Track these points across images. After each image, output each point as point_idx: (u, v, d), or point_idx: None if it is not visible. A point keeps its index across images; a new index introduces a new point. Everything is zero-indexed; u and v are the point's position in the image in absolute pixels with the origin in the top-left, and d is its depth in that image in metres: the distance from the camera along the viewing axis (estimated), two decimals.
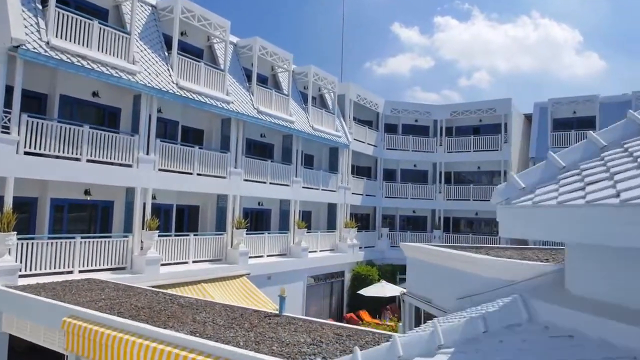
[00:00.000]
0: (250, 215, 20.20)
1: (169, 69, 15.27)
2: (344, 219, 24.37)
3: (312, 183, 22.10)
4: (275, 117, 19.46)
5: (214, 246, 16.82)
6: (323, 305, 22.24)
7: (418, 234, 28.44)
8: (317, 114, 22.68)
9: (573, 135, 25.35)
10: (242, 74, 19.06)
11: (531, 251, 10.48)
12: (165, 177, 14.93)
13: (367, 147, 26.88)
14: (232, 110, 17.16)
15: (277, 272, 18.85)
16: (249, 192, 18.46)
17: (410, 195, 28.48)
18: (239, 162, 17.93)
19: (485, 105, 28.14)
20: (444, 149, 28.92)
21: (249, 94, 18.65)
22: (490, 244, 26.72)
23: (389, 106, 28.79)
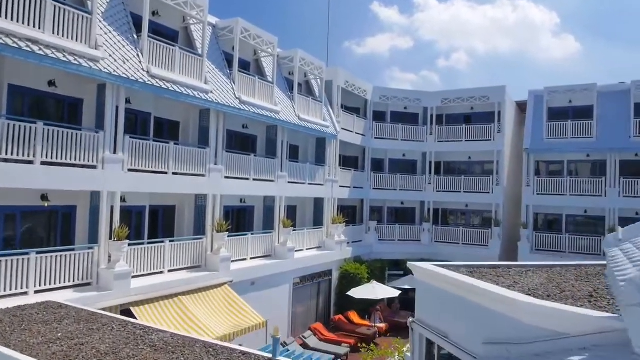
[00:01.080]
0: (231, 214, 18.61)
1: (139, 55, 13.37)
2: (331, 215, 22.96)
3: (298, 177, 20.55)
4: (259, 107, 17.73)
5: (193, 252, 15.22)
6: (310, 307, 20.96)
7: (407, 227, 27.31)
8: (303, 102, 21.00)
9: (570, 126, 24.32)
10: (222, 59, 17.20)
11: (558, 274, 9.24)
12: (136, 178, 13.18)
13: (355, 136, 25.37)
14: (211, 101, 15.38)
15: (261, 277, 17.40)
16: (230, 190, 16.83)
17: (399, 187, 27.21)
18: (220, 158, 16.24)
19: (478, 92, 26.83)
20: (434, 138, 27.63)
21: (229, 82, 16.85)
22: (482, 237, 25.83)
23: (378, 93, 27.25)
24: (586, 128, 24.00)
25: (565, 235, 24.17)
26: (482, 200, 26.41)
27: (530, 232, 24.59)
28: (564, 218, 25.12)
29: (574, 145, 24.04)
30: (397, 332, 21.07)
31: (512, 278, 8.87)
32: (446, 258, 26.15)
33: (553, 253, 23.99)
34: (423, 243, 26.79)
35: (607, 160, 23.55)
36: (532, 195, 24.83)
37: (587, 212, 24.41)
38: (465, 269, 9.56)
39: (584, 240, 23.74)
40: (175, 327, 12.29)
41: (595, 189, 23.50)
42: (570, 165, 25.26)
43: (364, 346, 16.11)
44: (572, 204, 24.17)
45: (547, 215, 25.63)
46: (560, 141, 24.44)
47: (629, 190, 22.80)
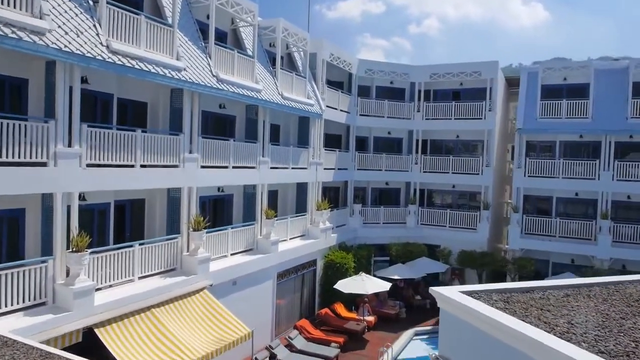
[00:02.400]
0: (207, 205, 16.73)
1: (96, 26, 11.04)
2: (315, 200, 21.32)
3: (281, 162, 18.71)
4: (239, 85, 15.61)
5: (166, 254, 13.37)
6: (294, 301, 19.54)
7: (392, 209, 26.02)
8: (286, 78, 18.92)
9: (564, 105, 23.14)
10: (196, 30, 14.90)
11: (604, 299, 7.93)
12: (96, 174, 11.11)
13: (339, 114, 23.52)
14: (185, 80, 13.21)
15: (243, 275, 15.76)
16: (208, 181, 14.91)
17: (385, 167, 25.72)
18: (195, 145, 14.20)
19: (469, 67, 25.25)
20: (421, 116, 26.07)
21: (205, 57, 14.63)
22: (470, 220, 24.82)
23: (363, 66, 25.28)
24: (581, 108, 22.87)
25: (556, 219, 23.38)
26: (471, 182, 25.27)
27: (520, 216, 23.67)
28: (554, 200, 24.29)
29: (568, 126, 22.95)
30: (386, 324, 20.05)
31: (556, 310, 7.47)
32: (432, 242, 25.24)
33: (542, 237, 23.25)
34: (409, 226, 25.63)
35: (602, 142, 22.61)
36: (522, 178, 23.79)
37: (579, 195, 23.63)
38: (498, 295, 8.12)
39: (575, 224, 23.02)
40: (149, 350, 10.61)
41: (588, 172, 22.61)
42: (563, 147, 24.25)
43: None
44: (564, 187, 23.29)
45: (537, 198, 24.74)
46: (554, 121, 23.29)
47: (623, 174, 22.00)
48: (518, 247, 23.38)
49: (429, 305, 22.50)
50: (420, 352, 18.42)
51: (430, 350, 18.67)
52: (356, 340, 18.20)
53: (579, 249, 22.26)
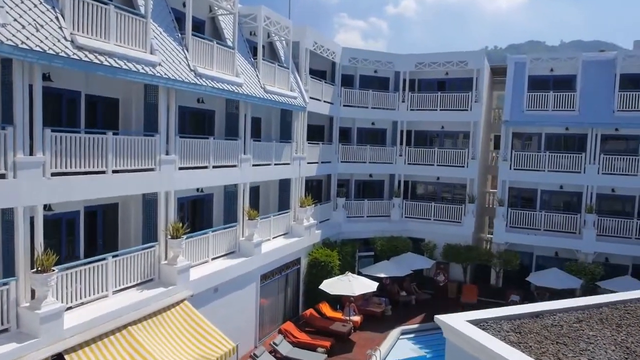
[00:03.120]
0: (186, 206, 15.77)
1: (58, 18, 9.84)
2: (299, 196, 20.52)
3: (264, 158, 17.79)
4: (219, 79, 14.53)
5: (143, 264, 12.42)
6: (278, 302, 18.85)
7: (376, 202, 25.44)
8: (269, 70, 17.86)
9: (551, 97, 22.73)
10: (171, 20, 13.70)
11: (617, 325, 7.44)
12: (63, 184, 10.04)
13: (323, 105, 22.60)
14: (160, 76, 12.10)
15: (225, 281, 14.94)
16: (186, 183, 13.91)
17: (369, 159, 25.03)
18: (172, 146, 13.16)
19: (455, 57, 24.57)
20: (406, 106, 25.37)
21: (182, 49, 13.49)
22: (455, 214, 24.46)
23: (347, 55, 24.32)
24: (568, 100, 22.53)
25: (541, 212, 23.19)
26: (456, 175, 24.85)
27: (505, 210, 23.40)
28: (538, 193, 24.10)
29: (555, 119, 22.61)
30: (372, 323, 19.60)
31: (573, 344, 6.94)
32: (417, 235, 24.83)
33: (527, 230, 23.07)
34: (393, 219, 25.14)
35: (588, 134, 22.37)
36: (508, 171, 23.46)
37: (563, 188, 23.47)
38: (509, 324, 7.56)
39: (560, 217, 22.89)
40: None
41: (574, 165, 22.41)
42: (549, 139, 23.95)
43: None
44: (549, 180, 23.08)
45: (521, 190, 24.50)
46: (541, 113, 22.91)
47: (608, 167, 21.86)
48: (503, 241, 23.16)
49: (414, 301, 22.19)
50: (407, 352, 18.09)
51: (418, 350, 18.37)
52: (342, 342, 17.68)
53: (564, 243, 22.17)
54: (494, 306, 23.92)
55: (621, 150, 22.57)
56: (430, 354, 18.04)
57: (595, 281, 21.04)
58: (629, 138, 22.51)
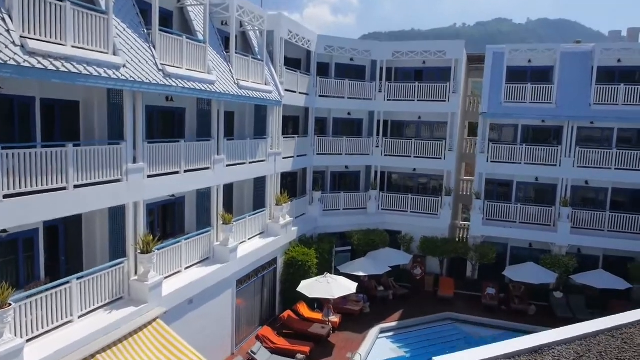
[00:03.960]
0: (157, 212, 14.84)
1: (5, 20, 8.63)
2: (274, 193, 19.78)
3: (238, 157, 16.89)
4: (190, 78, 13.47)
5: (111, 282, 11.53)
6: (254, 305, 18.26)
7: (352, 195, 24.96)
8: (242, 63, 16.82)
9: (529, 89, 22.50)
10: (136, 14, 12.49)
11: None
12: (16, 206, 9.00)
13: (298, 97, 21.70)
14: (125, 80, 11.01)
15: (200, 291, 14.21)
16: (156, 191, 12.97)
17: (345, 151, 24.40)
18: (140, 152, 12.15)
19: (433, 47, 23.94)
20: (383, 97, 24.72)
21: (148, 47, 12.35)
22: (432, 206, 24.27)
23: (323, 43, 23.33)
24: (546, 93, 22.36)
25: (516, 205, 23.24)
26: (434, 167, 24.56)
27: (482, 203, 23.32)
28: (514, 185, 24.10)
29: (533, 111, 22.45)
30: (350, 322, 19.32)
31: None
32: (394, 228, 24.55)
33: (503, 223, 23.11)
34: (369, 212, 24.76)
35: (564, 127, 22.34)
36: (486, 163, 23.30)
37: (539, 180, 23.52)
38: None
39: (535, 209, 22.99)
40: None
41: (550, 158, 22.41)
42: (525, 131, 23.85)
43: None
44: (525, 173, 23.06)
45: (497, 182, 24.44)
46: (519, 106, 22.69)
47: (583, 160, 21.95)
48: (480, 234, 23.15)
49: (391, 296, 22.03)
50: (387, 352, 17.93)
51: (397, 349, 18.24)
52: (322, 345, 17.33)
53: (539, 236, 22.32)
54: (470, 299, 24.07)
55: (596, 143, 22.69)
56: (409, 353, 17.94)
57: (569, 274, 21.34)
58: (603, 131, 22.61)
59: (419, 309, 20.97)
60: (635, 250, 21.21)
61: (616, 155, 21.42)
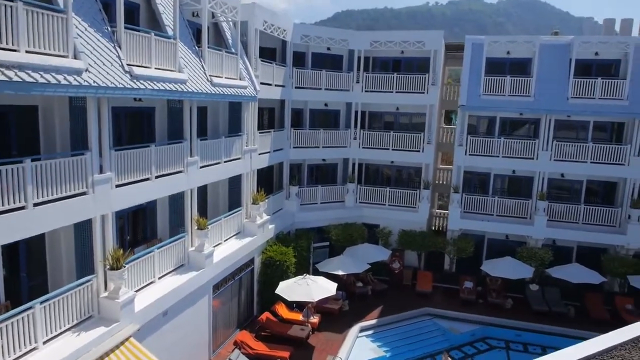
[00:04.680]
0: (126, 219, 14.02)
1: None
2: (251, 192, 19.11)
3: (212, 157, 16.12)
4: (159, 79, 12.55)
5: (79, 302, 10.79)
6: (231, 308, 17.75)
7: (330, 188, 24.49)
8: (215, 58, 15.89)
9: (508, 82, 22.27)
10: (99, 10, 11.44)
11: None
12: None
13: (274, 90, 20.88)
14: (88, 86, 10.08)
15: (175, 302, 13.59)
16: (125, 202, 12.16)
17: (322, 144, 23.82)
18: (107, 161, 11.30)
19: (412, 37, 23.38)
20: (361, 87, 24.11)
21: (113, 47, 11.36)
22: (410, 199, 24.08)
23: (299, 32, 22.45)
24: (524, 85, 22.18)
25: (494, 198, 23.25)
26: (412, 160, 24.27)
27: (460, 196, 23.22)
28: (491, 177, 24.06)
29: (512, 104, 22.27)
30: (330, 321, 19.07)
31: None
32: (372, 221, 24.30)
33: (481, 216, 23.13)
34: (347, 205, 24.40)
35: (542, 120, 22.29)
36: (464, 156, 23.13)
37: (516, 172, 23.53)
38: None
39: (512, 202, 23.06)
40: None
41: (527, 151, 22.40)
42: (503, 124, 23.72)
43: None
44: (503, 166, 23.02)
45: (475, 175, 24.37)
46: (497, 98, 22.46)
47: (560, 153, 22.01)
48: (457, 228, 23.11)
49: (370, 291, 21.87)
50: (367, 352, 17.78)
51: (377, 349, 18.12)
52: (302, 347, 17.02)
53: (516, 229, 22.43)
54: (448, 293, 24.05)
55: (572, 137, 22.77)
56: (389, 353, 17.84)
57: (544, 266, 21.58)
58: (579, 124, 22.68)
59: (398, 305, 20.89)
60: (608, 242, 21.58)
61: (592, 149, 21.54)
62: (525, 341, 19.19)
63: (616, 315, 20.09)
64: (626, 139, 21.91)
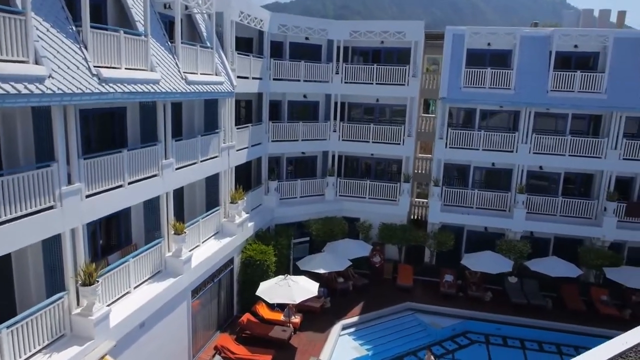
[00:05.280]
0: (98, 227, 13.33)
1: None
2: (229, 190, 18.55)
3: (189, 157, 15.46)
4: (130, 80, 11.78)
5: (49, 321, 10.19)
6: (211, 311, 17.33)
7: (309, 182, 24.07)
8: (189, 54, 15.09)
9: (488, 74, 22.05)
10: (61, 8, 10.56)
11: None
12: None
13: (251, 83, 20.16)
14: (52, 93, 9.31)
15: (152, 312, 13.09)
16: (97, 212, 11.49)
17: (301, 137, 23.28)
18: (76, 171, 10.61)
19: (393, 27, 22.85)
20: (340, 79, 23.55)
21: (79, 48, 10.54)
22: (390, 192, 23.91)
23: (276, 22, 21.64)
24: (505, 78, 22.01)
25: (474, 190, 23.24)
26: (392, 152, 24.01)
27: (440, 189, 23.12)
28: (471, 170, 24.01)
29: (492, 97, 22.07)
30: (311, 320, 18.86)
31: None
32: (352, 215, 24.06)
33: (462, 209, 23.14)
34: (327, 199, 24.07)
35: (522, 113, 22.23)
36: (444, 149, 22.97)
37: (495, 165, 23.52)
38: None
39: (491, 195, 23.11)
40: None
41: (507, 144, 22.37)
42: (483, 116, 23.60)
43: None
44: (483, 159, 22.97)
45: (454, 167, 24.29)
46: (478, 91, 22.23)
47: (538, 146, 22.06)
48: (438, 221, 23.08)
49: (351, 287, 21.73)
50: (350, 352, 17.68)
51: (360, 347, 18.03)
52: (284, 349, 16.78)
53: (496, 222, 22.53)
54: (429, 286, 23.94)
55: (551, 129, 22.83)
56: (371, 351, 17.78)
57: (523, 258, 21.79)
58: (558, 117, 22.73)
59: (380, 300, 20.82)
60: (584, 234, 21.90)
61: (570, 142, 21.64)
62: (504, 334, 19.42)
63: (591, 306, 20.51)
64: (603, 132, 22.09)
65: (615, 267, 20.83)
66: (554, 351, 18.46)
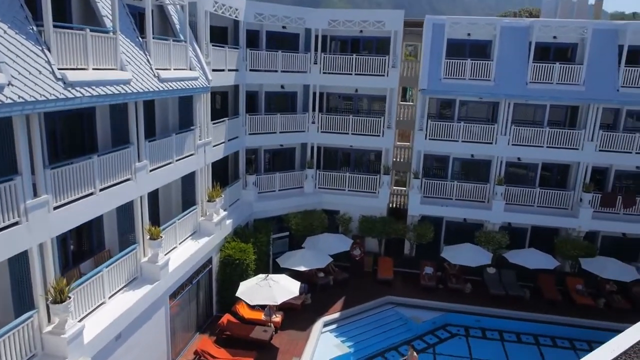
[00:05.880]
0: (69, 236, 12.67)
1: None
2: (206, 188, 17.97)
3: (163, 158, 14.81)
4: (98, 82, 11.02)
5: (18, 342, 9.61)
6: (190, 313, 16.92)
7: (288, 174, 23.61)
8: (162, 49, 14.29)
9: (468, 65, 21.81)
10: (19, 7, 9.69)
11: None
12: None
13: (227, 75, 19.43)
14: (13, 102, 8.57)
15: (128, 323, 12.61)
16: (67, 224, 10.85)
17: (279, 129, 22.73)
18: (42, 182, 9.93)
19: (372, 17, 22.30)
20: (319, 69, 22.97)
21: (41, 49, 9.74)
22: (370, 184, 23.71)
23: (252, 11, 20.80)
24: (484, 69, 21.83)
25: (453, 182, 23.24)
26: (371, 144, 23.72)
27: (420, 182, 23.03)
28: (450, 161, 23.97)
29: (472, 88, 21.89)
30: (293, 318, 18.67)
31: None
32: (332, 207, 23.81)
33: (441, 201, 23.14)
34: (306, 192, 23.71)
35: (501, 105, 22.15)
36: (424, 141, 22.79)
37: (474, 156, 23.52)
38: None
39: (470, 186, 23.15)
40: None
41: (486, 136, 22.34)
42: (462, 108, 23.47)
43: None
44: (462, 151, 22.91)
45: (433, 158, 24.20)
46: (458, 82, 22.01)
47: (517, 138, 22.11)
48: (418, 213, 23.04)
49: (332, 281, 21.59)
50: (332, 350, 17.60)
51: (341, 345, 17.97)
52: (265, 350, 16.56)
53: (475, 214, 22.61)
54: (409, 279, 23.88)
55: (529, 120, 22.88)
56: (353, 348, 17.74)
57: (502, 249, 22.01)
58: (537, 107, 22.78)
59: (360, 294, 20.76)
60: (561, 225, 22.22)
61: (548, 133, 21.73)
62: (484, 326, 19.65)
63: (567, 295, 20.92)
64: (580, 123, 22.25)
65: (590, 258, 21.23)
66: (531, 342, 18.80)
